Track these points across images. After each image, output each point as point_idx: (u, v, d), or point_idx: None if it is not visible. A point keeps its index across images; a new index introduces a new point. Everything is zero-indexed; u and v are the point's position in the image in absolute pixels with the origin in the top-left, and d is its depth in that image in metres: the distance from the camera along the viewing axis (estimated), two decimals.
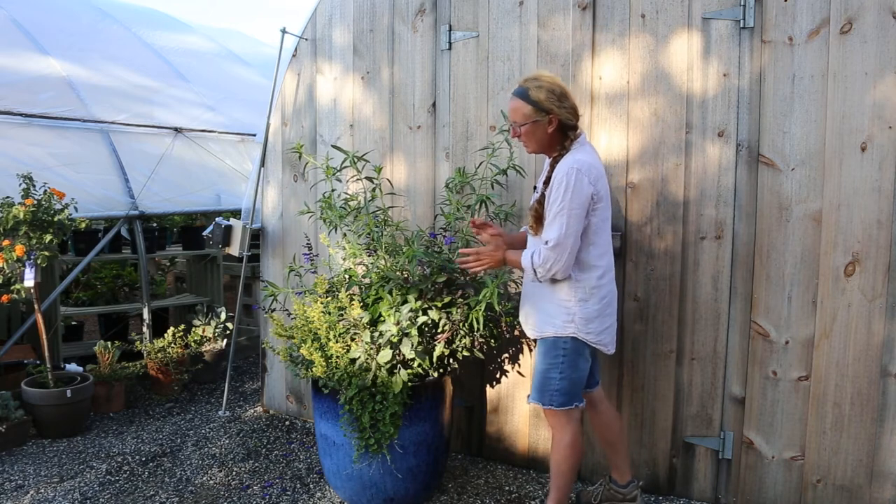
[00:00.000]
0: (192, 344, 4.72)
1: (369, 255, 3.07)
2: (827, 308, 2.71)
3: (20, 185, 3.78)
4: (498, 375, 3.40)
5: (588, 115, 3.07)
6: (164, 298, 5.74)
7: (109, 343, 4.39)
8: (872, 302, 2.64)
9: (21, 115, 4.62)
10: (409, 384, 2.77)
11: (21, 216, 3.59)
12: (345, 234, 3.14)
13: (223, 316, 4.97)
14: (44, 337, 3.92)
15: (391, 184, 3.58)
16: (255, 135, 5.67)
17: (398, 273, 2.90)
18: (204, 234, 4.28)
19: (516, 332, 3.18)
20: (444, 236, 3.11)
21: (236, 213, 4.76)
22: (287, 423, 4.06)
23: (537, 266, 2.44)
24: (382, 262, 2.96)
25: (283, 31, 3.86)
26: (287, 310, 3.36)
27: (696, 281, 2.93)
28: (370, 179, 3.16)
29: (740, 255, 2.84)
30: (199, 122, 5.81)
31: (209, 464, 3.51)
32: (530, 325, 2.66)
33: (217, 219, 4.17)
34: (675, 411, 3.02)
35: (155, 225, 5.49)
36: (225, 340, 4.89)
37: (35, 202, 3.69)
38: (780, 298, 2.79)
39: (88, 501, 3.10)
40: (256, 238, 4.17)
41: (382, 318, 2.80)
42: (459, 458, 3.53)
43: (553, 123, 2.47)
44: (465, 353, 2.89)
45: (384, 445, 2.76)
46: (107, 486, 3.26)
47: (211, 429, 3.98)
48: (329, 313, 2.87)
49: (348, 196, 3.19)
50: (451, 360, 2.94)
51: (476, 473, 3.36)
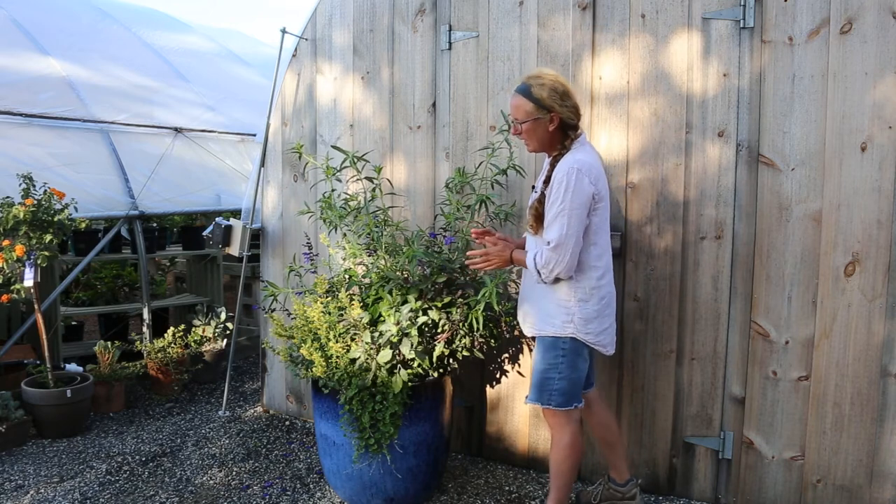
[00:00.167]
0: (192, 344, 4.72)
1: (369, 255, 3.07)
2: (827, 308, 2.71)
3: (20, 185, 3.78)
4: (498, 375, 3.41)
5: (588, 115, 3.07)
6: (164, 298, 5.74)
7: (109, 343, 4.39)
8: (872, 302, 2.64)
9: (21, 115, 4.62)
10: (409, 384, 2.77)
11: (21, 216, 3.59)
12: (345, 234, 3.14)
13: (223, 316, 4.97)
14: (44, 337, 3.92)
15: (391, 184, 3.58)
16: (255, 135, 5.67)
17: (398, 273, 2.90)
18: (204, 234, 4.28)
19: (516, 332, 3.18)
20: (444, 236, 3.11)
21: (236, 213, 4.76)
22: (287, 423, 4.06)
23: (540, 267, 2.43)
24: (382, 262, 2.96)
25: (283, 31, 3.86)
26: (287, 310, 3.36)
27: (696, 281, 2.93)
28: (370, 179, 3.16)
29: (740, 255, 2.84)
30: (199, 122, 5.81)
31: (209, 464, 3.51)
32: (529, 324, 2.66)
33: (217, 219, 4.17)
34: (675, 411, 3.02)
35: (155, 225, 5.49)
36: (225, 340, 4.89)
37: (35, 202, 3.69)
38: (780, 298, 2.79)
39: (88, 501, 3.10)
40: (256, 238, 4.17)
41: (382, 318, 2.80)
42: (459, 458, 3.53)
43: (554, 122, 2.46)
44: (465, 353, 2.89)
45: (384, 445, 2.76)
46: (107, 486, 3.26)
47: (211, 429, 3.98)
48: (329, 313, 2.87)
49: (348, 196, 3.19)
50: (450, 360, 2.94)
51: (476, 473, 3.36)
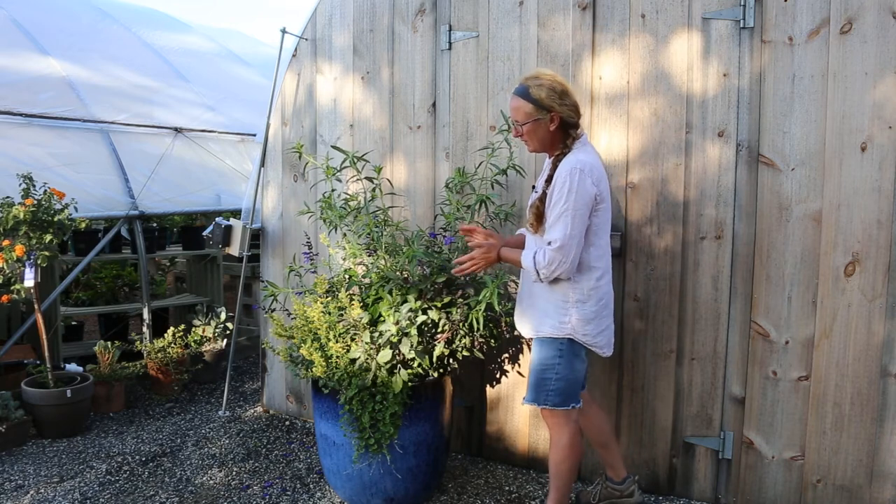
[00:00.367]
0: (192, 344, 4.72)
1: (369, 255, 3.07)
2: (827, 308, 2.71)
3: (20, 185, 3.78)
4: (498, 375, 3.40)
5: (588, 115, 3.07)
6: (164, 298, 5.74)
7: (109, 343, 4.39)
8: (872, 302, 2.64)
9: (21, 115, 4.62)
10: (409, 384, 2.77)
11: (21, 216, 3.59)
12: (345, 234, 3.14)
13: (223, 316, 4.97)
14: (44, 337, 3.92)
15: (391, 184, 3.58)
16: (255, 135, 5.68)
17: (398, 273, 2.90)
18: (204, 234, 4.28)
19: (516, 332, 3.17)
20: (444, 236, 3.11)
21: (236, 213, 4.76)
22: (287, 423, 4.06)
23: (542, 267, 2.41)
24: (382, 262, 2.96)
25: (283, 31, 3.86)
26: (287, 310, 3.36)
27: (696, 281, 2.93)
28: (370, 179, 3.16)
29: (740, 255, 2.84)
30: (199, 122, 5.81)
31: (209, 464, 3.51)
32: (526, 325, 2.65)
33: (217, 219, 4.17)
34: (675, 411, 3.02)
35: (155, 225, 5.49)
36: (225, 340, 4.89)
37: (35, 202, 3.69)
38: (780, 298, 2.79)
39: (88, 501, 3.10)
40: (256, 238, 4.17)
41: (382, 318, 2.80)
42: (459, 458, 3.53)
43: (555, 121, 2.46)
44: (465, 353, 2.89)
45: (384, 445, 2.76)
46: (107, 486, 3.26)
47: (211, 429, 3.98)
48: (329, 313, 2.86)
49: (348, 196, 3.19)
50: (450, 360, 2.94)
51: (476, 473, 3.36)
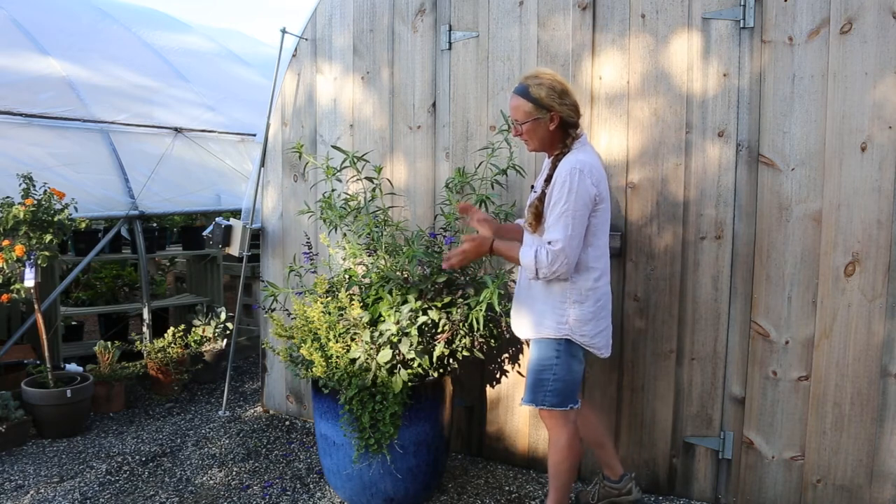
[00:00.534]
0: (192, 344, 4.72)
1: (369, 255, 3.07)
2: (827, 308, 2.71)
3: (20, 185, 3.78)
4: (498, 375, 3.40)
5: (588, 115, 3.07)
6: (164, 298, 5.74)
7: (109, 343, 4.39)
8: (872, 302, 2.64)
9: (21, 115, 4.62)
10: (409, 384, 2.77)
11: (21, 216, 3.59)
12: (345, 234, 3.14)
13: (223, 316, 4.97)
14: (44, 337, 3.92)
15: (391, 184, 3.58)
16: (255, 135, 5.68)
17: (398, 273, 2.90)
18: (204, 234, 4.28)
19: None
20: (444, 236, 3.11)
21: (236, 213, 4.76)
22: (287, 423, 4.06)
23: (543, 266, 2.37)
24: (382, 262, 2.96)
25: (283, 31, 3.86)
26: (287, 310, 3.36)
27: (696, 281, 2.93)
28: (370, 179, 3.16)
29: (740, 255, 2.84)
30: (199, 122, 5.81)
31: (209, 464, 3.51)
32: (523, 325, 2.63)
33: (217, 219, 4.17)
34: (675, 411, 3.02)
35: (155, 225, 5.49)
36: (225, 340, 4.89)
37: (35, 202, 3.69)
38: (780, 298, 2.79)
39: (88, 501, 3.10)
40: (256, 238, 4.17)
41: (382, 318, 2.80)
42: (459, 458, 3.53)
43: (554, 121, 2.45)
44: (465, 353, 2.89)
45: (384, 445, 2.76)
46: (107, 486, 3.26)
47: (211, 429, 3.98)
48: (329, 313, 2.86)
49: (348, 196, 3.19)
50: (450, 360, 2.94)
51: (476, 473, 3.36)
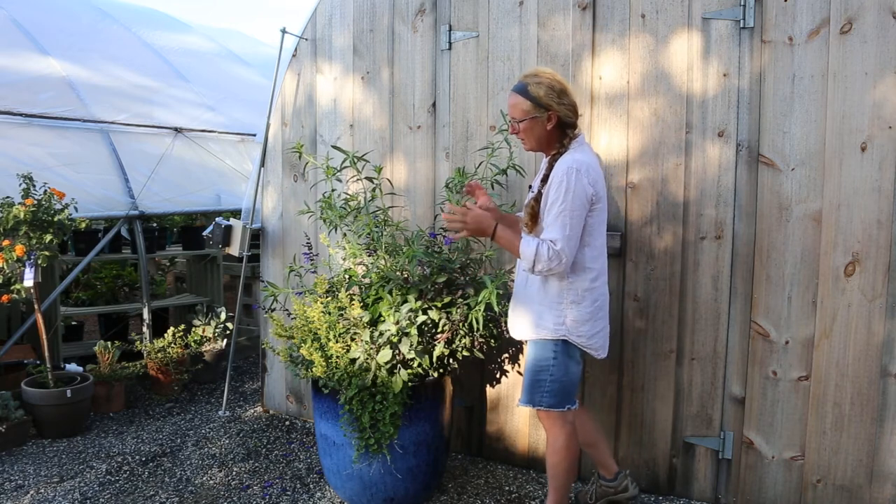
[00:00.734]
0: (192, 344, 4.72)
1: (369, 255, 3.07)
2: (827, 308, 2.71)
3: (20, 185, 3.78)
4: (498, 375, 3.40)
5: (588, 115, 3.07)
6: (164, 298, 5.74)
7: (109, 343, 4.39)
8: (872, 302, 2.64)
9: (21, 115, 4.63)
10: (409, 384, 2.77)
11: (21, 216, 3.60)
12: (345, 234, 3.14)
13: (223, 316, 4.97)
14: (44, 337, 3.92)
15: (391, 184, 3.58)
16: (255, 135, 5.68)
17: (398, 273, 2.90)
18: (204, 234, 4.28)
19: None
20: (444, 236, 3.11)
21: (236, 213, 4.76)
22: (287, 423, 4.06)
23: (542, 260, 2.34)
24: (382, 262, 2.96)
25: (283, 31, 3.86)
26: (287, 310, 3.36)
27: (696, 281, 2.93)
28: (370, 179, 3.16)
29: (740, 255, 2.84)
30: (199, 122, 5.81)
31: (209, 464, 3.51)
32: (520, 326, 2.62)
33: (217, 219, 4.17)
34: (675, 411, 3.02)
35: (155, 225, 5.49)
36: (225, 340, 4.89)
37: (35, 202, 3.69)
38: (780, 298, 2.79)
39: (88, 501, 3.10)
40: (256, 238, 4.17)
41: (382, 318, 2.80)
42: (459, 458, 3.53)
43: (552, 120, 2.44)
44: (465, 353, 2.89)
45: (384, 445, 2.76)
46: (107, 486, 3.26)
47: (211, 429, 3.98)
48: (329, 313, 2.86)
49: (348, 196, 3.19)
50: (450, 360, 2.94)
51: (476, 473, 3.36)
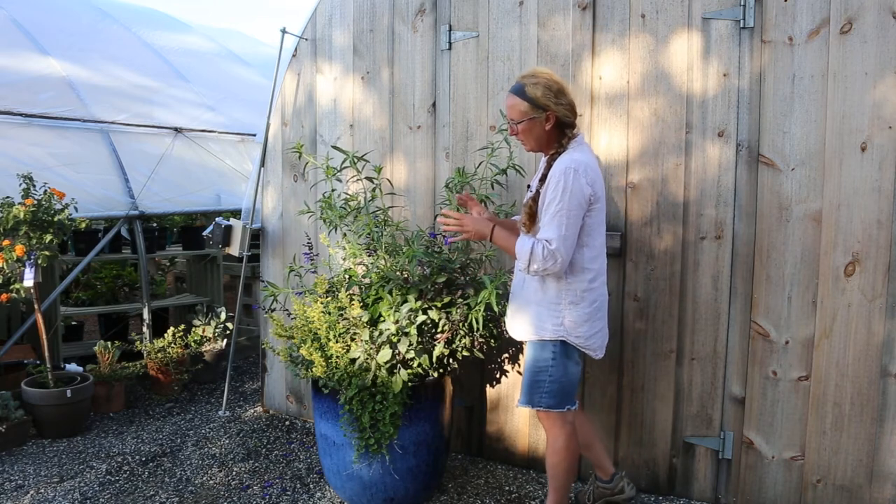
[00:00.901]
0: (192, 344, 4.72)
1: (369, 255, 3.07)
2: (827, 308, 2.71)
3: (20, 185, 3.78)
4: (498, 375, 3.40)
5: (588, 115, 3.07)
6: (164, 298, 5.74)
7: (109, 343, 4.39)
8: (872, 302, 2.64)
9: (21, 115, 4.62)
10: (409, 384, 2.77)
11: (21, 216, 3.59)
12: (345, 234, 3.14)
13: (223, 316, 4.97)
14: (44, 337, 3.92)
15: (391, 184, 3.58)
16: (255, 135, 5.68)
17: (398, 273, 2.90)
18: (204, 234, 4.28)
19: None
20: (444, 236, 3.11)
21: (236, 213, 4.76)
22: (287, 423, 4.06)
23: (537, 260, 2.35)
24: (382, 262, 2.96)
25: (283, 31, 3.86)
26: (287, 310, 3.36)
27: (696, 281, 2.93)
28: (370, 179, 3.16)
29: (740, 255, 2.84)
30: (199, 122, 5.81)
31: (209, 464, 3.51)
32: (519, 327, 2.62)
33: (217, 219, 4.17)
34: (675, 411, 3.02)
35: (155, 225, 5.49)
36: (225, 340, 4.89)
37: (35, 202, 3.69)
38: (780, 298, 2.79)
39: (88, 501, 3.10)
40: (256, 238, 4.17)
41: (382, 318, 2.80)
42: (459, 458, 3.53)
43: (550, 120, 2.44)
44: (465, 353, 2.89)
45: (384, 445, 2.76)
46: (107, 486, 3.26)
47: (211, 429, 3.98)
48: (329, 313, 2.86)
49: (348, 196, 3.19)
50: (450, 360, 2.94)
51: (476, 473, 3.36)
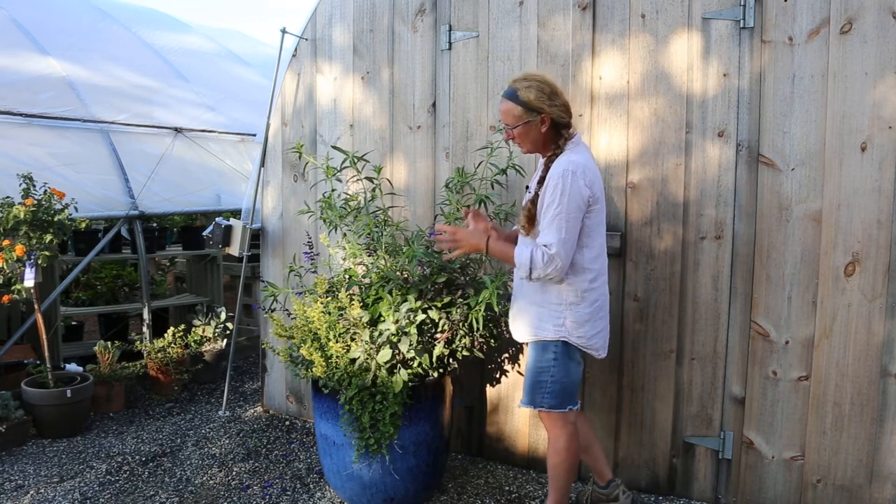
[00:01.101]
0: (192, 344, 4.72)
1: (369, 255, 3.07)
2: (827, 308, 2.71)
3: (20, 185, 3.78)
4: (498, 375, 3.40)
5: (588, 115, 3.07)
6: (164, 298, 5.74)
7: (109, 343, 4.39)
8: (872, 302, 2.64)
9: (21, 115, 4.62)
10: (409, 384, 2.77)
11: (21, 216, 3.59)
12: (345, 234, 3.14)
13: (223, 316, 4.97)
14: (44, 337, 3.92)
15: (391, 184, 3.58)
16: (255, 135, 5.68)
17: (398, 273, 2.90)
18: (204, 234, 4.28)
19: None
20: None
21: (236, 213, 4.76)
22: (287, 423, 4.06)
23: (538, 266, 2.37)
24: (382, 262, 2.96)
25: (283, 31, 3.86)
26: (287, 310, 3.36)
27: (696, 281, 2.93)
28: (370, 179, 3.16)
29: (740, 255, 2.84)
30: (199, 122, 5.81)
31: (209, 464, 3.51)
32: (520, 328, 2.62)
33: (217, 219, 4.17)
34: (675, 411, 3.02)
35: (155, 225, 5.49)
36: (225, 340, 4.89)
37: (35, 202, 3.69)
38: (780, 298, 2.79)
39: (88, 501, 3.10)
40: (256, 238, 4.17)
41: (382, 318, 2.80)
42: (459, 458, 3.53)
43: (545, 123, 2.44)
44: (465, 353, 2.89)
45: (384, 445, 2.76)
46: (107, 486, 3.26)
47: (211, 429, 3.98)
48: (329, 313, 2.86)
49: (348, 196, 3.19)
50: (450, 360, 2.94)
51: (476, 473, 3.36)
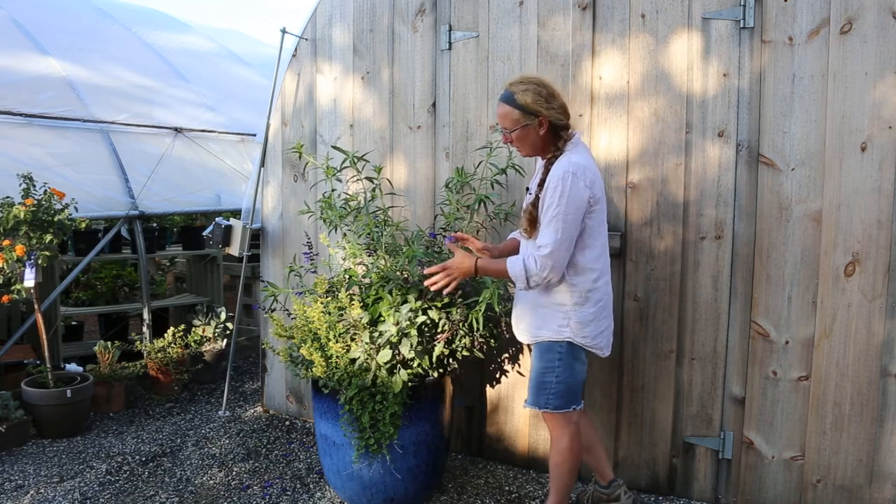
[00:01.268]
0: (192, 344, 4.72)
1: (369, 255, 3.07)
2: (827, 308, 2.71)
3: (20, 185, 3.78)
4: (498, 375, 3.41)
5: (588, 115, 3.07)
6: (164, 298, 5.74)
7: (109, 343, 4.39)
8: (872, 302, 2.64)
9: (21, 115, 4.62)
10: (409, 384, 2.77)
11: (21, 216, 3.59)
12: (345, 234, 3.14)
13: (223, 316, 4.97)
14: (44, 337, 3.92)
15: (391, 184, 3.58)
16: (255, 135, 5.67)
17: (398, 273, 2.90)
18: (204, 234, 4.28)
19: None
20: (444, 236, 3.11)
21: (236, 213, 4.76)
22: (287, 423, 4.06)
23: (533, 274, 2.36)
24: (382, 262, 2.96)
25: (283, 31, 3.86)
26: (287, 310, 3.36)
27: (696, 281, 2.93)
28: (370, 179, 3.16)
29: (740, 255, 2.84)
30: (199, 122, 5.81)
31: (209, 464, 3.51)
32: (524, 330, 2.62)
33: (217, 219, 4.17)
34: (675, 411, 3.02)
35: (155, 225, 5.49)
36: (225, 340, 4.89)
37: (35, 202, 3.69)
38: (780, 298, 2.79)
39: (88, 501, 3.10)
40: (256, 238, 4.17)
41: (382, 318, 2.80)
42: (459, 458, 3.53)
43: (544, 125, 2.42)
44: (465, 353, 2.89)
45: (384, 445, 2.76)
46: (107, 486, 3.26)
47: (211, 429, 3.98)
48: (329, 313, 2.86)
49: (348, 196, 3.19)
50: (450, 360, 2.94)
51: (476, 473, 3.36)
